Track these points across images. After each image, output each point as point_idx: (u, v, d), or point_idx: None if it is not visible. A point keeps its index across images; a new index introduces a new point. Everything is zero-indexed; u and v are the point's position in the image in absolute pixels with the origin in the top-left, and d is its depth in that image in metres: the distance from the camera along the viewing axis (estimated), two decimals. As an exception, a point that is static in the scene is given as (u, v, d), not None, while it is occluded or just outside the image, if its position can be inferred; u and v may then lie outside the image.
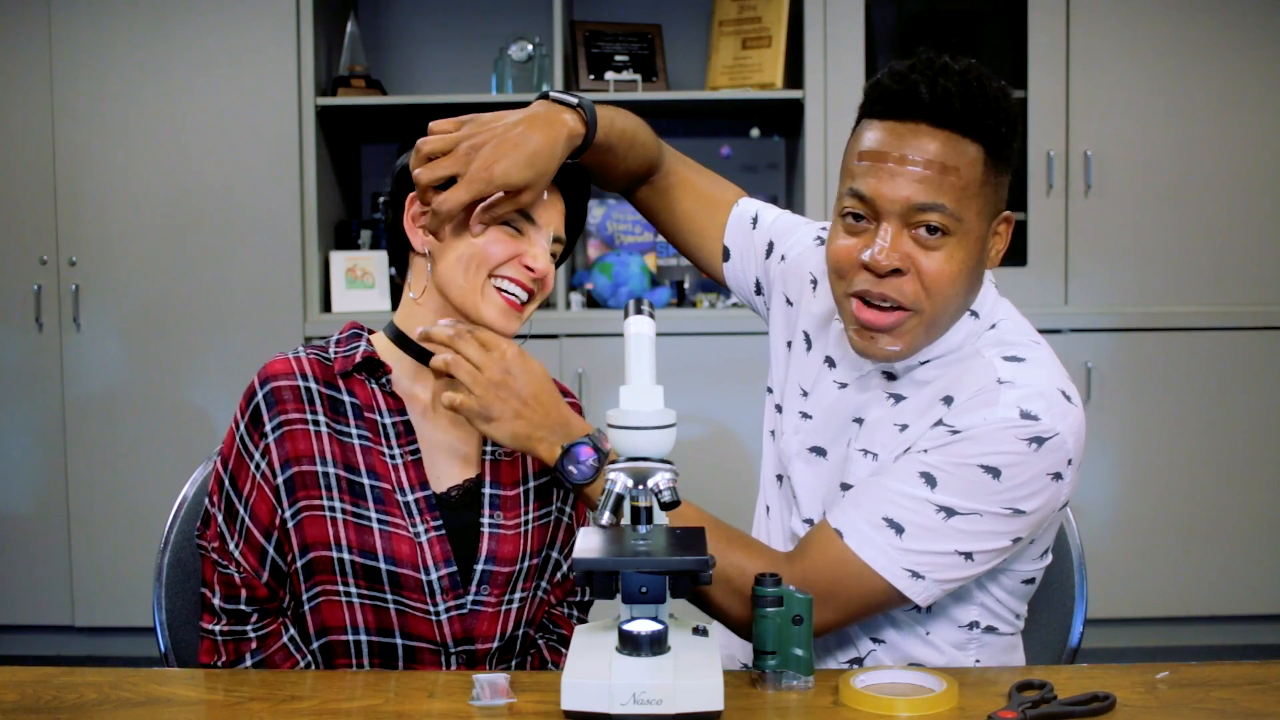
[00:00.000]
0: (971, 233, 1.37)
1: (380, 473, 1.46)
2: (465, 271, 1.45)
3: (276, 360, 1.49)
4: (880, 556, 1.35)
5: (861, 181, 1.37)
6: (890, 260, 1.35)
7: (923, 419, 1.41)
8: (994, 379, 1.37)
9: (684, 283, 3.72)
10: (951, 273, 1.36)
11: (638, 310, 1.29)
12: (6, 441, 3.59)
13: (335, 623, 1.45)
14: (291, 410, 1.45)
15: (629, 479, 1.23)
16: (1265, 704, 1.22)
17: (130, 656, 3.44)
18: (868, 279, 1.37)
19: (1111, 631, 3.46)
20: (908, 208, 1.34)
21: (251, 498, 1.45)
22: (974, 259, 1.39)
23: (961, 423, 1.36)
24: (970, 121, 1.34)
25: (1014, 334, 1.45)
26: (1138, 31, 3.49)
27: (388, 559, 1.43)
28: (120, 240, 3.52)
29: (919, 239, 1.36)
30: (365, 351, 1.49)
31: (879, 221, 1.37)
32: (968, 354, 1.43)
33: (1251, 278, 3.54)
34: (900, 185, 1.34)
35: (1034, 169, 3.48)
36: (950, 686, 1.22)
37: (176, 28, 3.48)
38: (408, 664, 1.46)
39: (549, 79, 3.57)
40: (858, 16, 3.49)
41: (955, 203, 1.34)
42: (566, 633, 1.60)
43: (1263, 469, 3.55)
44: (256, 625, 1.46)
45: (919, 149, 1.34)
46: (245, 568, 1.45)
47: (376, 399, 1.49)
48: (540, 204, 1.46)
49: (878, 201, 1.35)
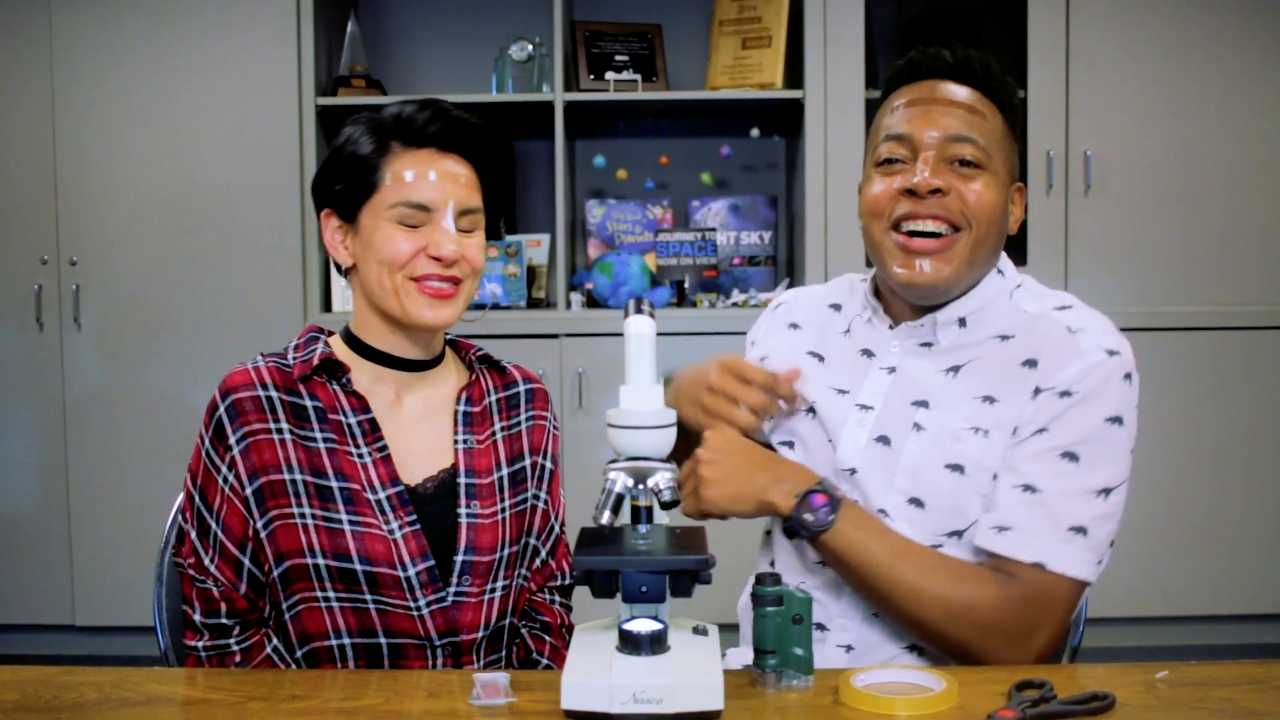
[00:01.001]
0: (999, 176, 1.46)
1: (348, 473, 1.46)
2: (380, 279, 1.46)
3: (236, 372, 1.49)
4: (1078, 565, 1.40)
5: (897, 125, 1.48)
6: (934, 179, 1.43)
7: (1011, 388, 1.45)
8: (1064, 328, 1.46)
9: (684, 283, 3.71)
10: (990, 200, 1.45)
11: (638, 310, 1.29)
12: (6, 441, 3.59)
13: (317, 629, 1.45)
14: (254, 421, 1.45)
15: (629, 479, 1.23)
16: (1265, 704, 1.22)
17: (130, 656, 3.44)
18: (911, 203, 1.45)
19: (1111, 631, 3.46)
20: (946, 138, 1.45)
21: (222, 511, 1.45)
22: (1002, 205, 1.47)
23: (1061, 380, 1.42)
24: (988, 83, 1.48)
25: (1042, 289, 1.54)
26: (1138, 31, 3.48)
27: (362, 559, 1.43)
28: (120, 240, 3.52)
29: (956, 170, 1.45)
30: (323, 353, 1.49)
31: (916, 158, 1.45)
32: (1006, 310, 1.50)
33: (1251, 278, 3.53)
34: (937, 118, 1.45)
35: (1034, 169, 3.48)
36: (950, 686, 1.22)
37: (176, 28, 3.48)
38: (393, 662, 1.46)
39: (549, 79, 3.57)
40: (858, 16, 3.49)
41: (986, 141, 1.45)
42: (549, 619, 1.60)
43: (1263, 469, 3.55)
44: (239, 638, 1.46)
45: (951, 93, 1.47)
46: (222, 581, 1.45)
47: (339, 399, 1.49)
48: (426, 184, 1.45)
49: (914, 136, 1.46)
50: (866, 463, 1.50)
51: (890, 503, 1.48)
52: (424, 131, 1.48)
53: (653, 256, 3.78)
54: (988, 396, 1.46)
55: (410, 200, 1.45)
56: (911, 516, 1.47)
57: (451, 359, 1.61)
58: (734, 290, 3.72)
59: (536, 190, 3.92)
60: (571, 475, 3.52)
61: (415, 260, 1.46)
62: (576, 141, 3.91)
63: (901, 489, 1.47)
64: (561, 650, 1.58)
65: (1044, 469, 1.41)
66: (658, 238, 3.78)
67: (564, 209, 3.59)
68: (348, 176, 1.48)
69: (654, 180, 3.89)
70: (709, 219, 3.82)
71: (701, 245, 3.76)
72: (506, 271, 3.66)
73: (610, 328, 3.38)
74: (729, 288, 3.74)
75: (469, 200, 1.49)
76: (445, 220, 1.47)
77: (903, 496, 1.48)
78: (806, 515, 1.38)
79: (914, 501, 1.47)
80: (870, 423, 1.51)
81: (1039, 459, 1.42)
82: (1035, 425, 1.43)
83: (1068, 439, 1.41)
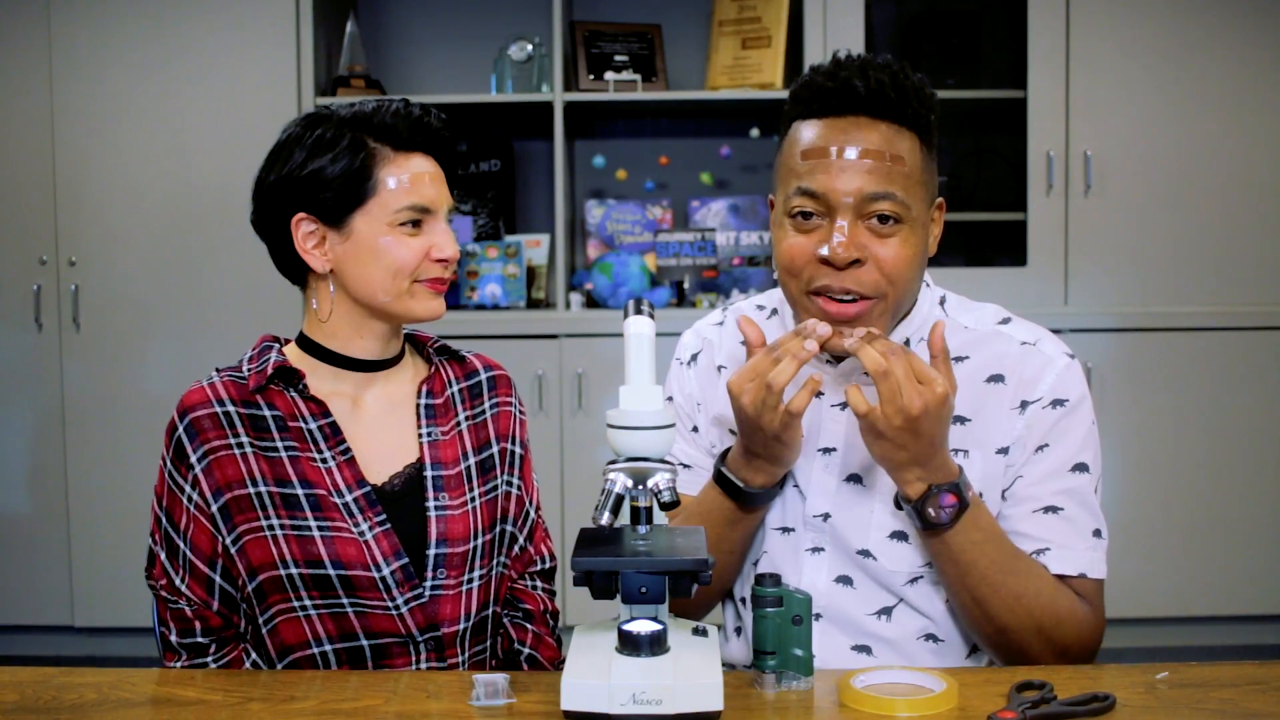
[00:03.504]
0: (919, 220, 1.41)
1: (313, 479, 1.45)
2: (387, 283, 1.46)
3: (192, 390, 1.49)
4: (1101, 566, 1.47)
5: (810, 179, 1.39)
6: (850, 252, 1.37)
7: (986, 407, 1.45)
8: (1018, 343, 1.48)
9: (684, 283, 3.71)
10: (908, 257, 1.39)
11: (637, 310, 1.29)
12: (5, 442, 3.58)
13: (296, 640, 1.45)
14: (214, 438, 1.45)
15: (628, 479, 1.23)
16: (1265, 704, 1.22)
17: (129, 657, 3.44)
18: (828, 274, 1.39)
19: (1111, 631, 3.43)
20: (861, 198, 1.37)
21: (189, 530, 1.45)
22: (923, 244, 1.43)
23: (1045, 390, 1.45)
24: (904, 111, 1.39)
25: (963, 300, 1.54)
26: (1138, 31, 3.48)
27: (335, 564, 1.43)
28: (120, 240, 3.52)
29: (873, 229, 1.38)
30: (276, 361, 1.49)
31: (831, 217, 1.38)
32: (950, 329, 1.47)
33: (1251, 278, 3.53)
34: (851, 178, 1.37)
35: (1034, 169, 3.48)
36: (950, 686, 1.22)
37: (176, 27, 3.48)
38: (377, 663, 1.45)
39: (548, 79, 3.57)
40: (858, 17, 3.49)
41: (904, 191, 1.38)
42: (530, 607, 1.59)
43: (1263, 469, 3.55)
44: (217, 656, 1.46)
45: (863, 140, 1.37)
46: (195, 600, 1.45)
47: (298, 406, 1.48)
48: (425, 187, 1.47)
49: (830, 196, 1.38)
50: (840, 506, 1.49)
51: (871, 540, 1.47)
52: (413, 134, 1.48)
53: (652, 257, 3.78)
54: (959, 417, 1.45)
55: (415, 204, 1.46)
56: (892, 552, 1.46)
57: (410, 354, 1.60)
58: (734, 290, 3.71)
59: (536, 190, 3.92)
60: (571, 475, 3.52)
61: (422, 264, 1.48)
62: (576, 142, 3.91)
63: (880, 524, 1.46)
64: (545, 637, 1.58)
65: (1061, 486, 1.44)
66: (657, 238, 3.78)
67: (563, 209, 3.59)
68: (334, 184, 1.46)
69: (654, 180, 3.89)
70: (709, 219, 3.82)
71: (701, 245, 3.76)
72: (506, 272, 3.66)
73: (610, 328, 3.38)
74: (729, 288, 3.74)
75: (450, 199, 1.53)
76: (440, 220, 1.49)
77: (883, 533, 1.46)
78: (930, 510, 1.36)
79: (896, 535, 1.46)
80: (836, 465, 1.49)
81: (1052, 479, 1.44)
82: (1035, 442, 1.44)
83: (1070, 449, 1.44)
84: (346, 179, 1.46)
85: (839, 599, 1.48)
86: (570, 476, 3.49)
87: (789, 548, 1.51)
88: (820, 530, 1.49)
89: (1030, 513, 1.45)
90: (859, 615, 1.48)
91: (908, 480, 1.36)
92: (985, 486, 1.45)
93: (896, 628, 1.47)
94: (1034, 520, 1.44)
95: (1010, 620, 1.40)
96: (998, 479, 1.46)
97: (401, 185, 1.46)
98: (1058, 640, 1.41)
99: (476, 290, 3.63)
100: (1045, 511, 1.44)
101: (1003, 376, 1.46)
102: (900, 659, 1.47)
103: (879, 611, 1.48)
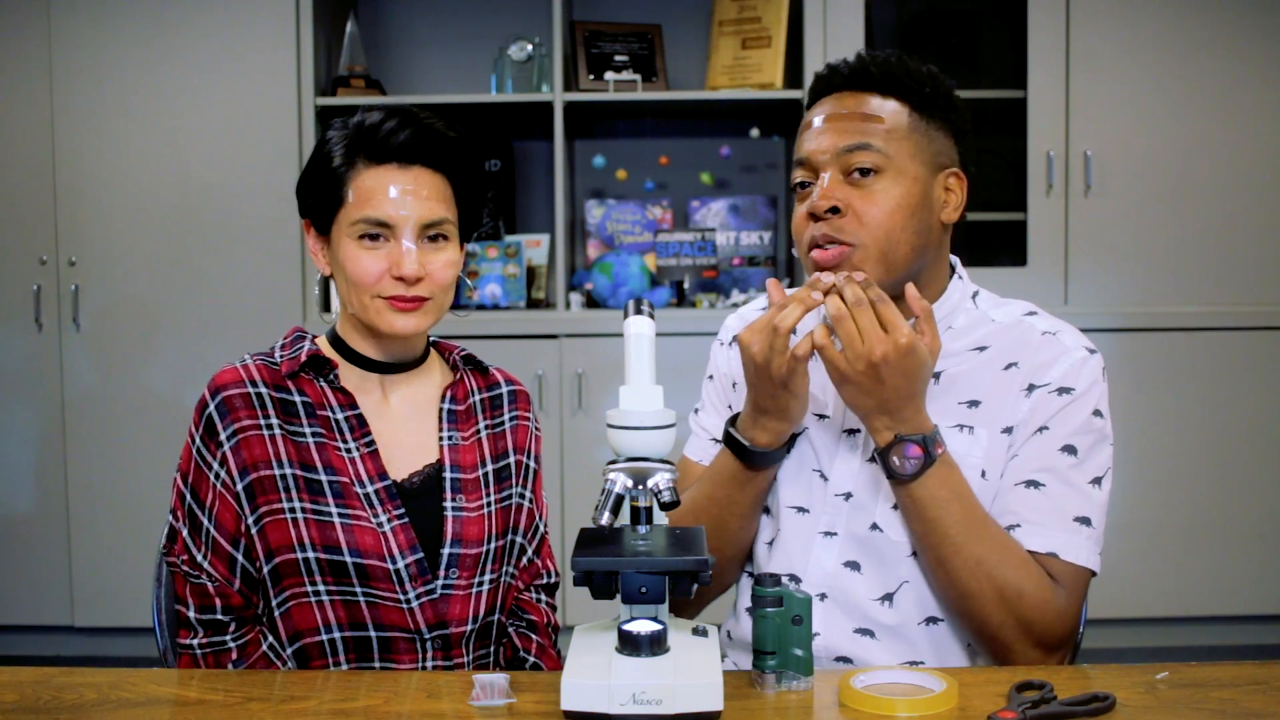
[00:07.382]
0: (906, 173, 1.46)
1: (337, 467, 1.47)
2: (351, 296, 1.48)
3: (225, 370, 1.50)
4: (1086, 554, 1.45)
5: (799, 151, 1.50)
6: (825, 201, 1.45)
7: (996, 390, 1.48)
8: (1039, 332, 1.51)
9: (684, 283, 3.71)
10: (887, 207, 1.45)
11: (637, 310, 1.29)
12: (6, 441, 3.58)
13: (307, 625, 1.46)
14: (244, 417, 1.46)
15: (628, 479, 1.23)
16: (1265, 704, 1.22)
17: (129, 657, 3.44)
18: (815, 227, 1.47)
19: (1111, 631, 3.46)
20: (836, 152, 1.46)
21: (215, 507, 1.46)
22: (914, 200, 1.46)
23: (1054, 376, 1.47)
24: (887, 82, 1.48)
25: (998, 297, 1.58)
26: (1138, 31, 3.48)
27: (352, 551, 1.44)
28: (120, 240, 3.52)
29: (854, 181, 1.46)
30: (310, 351, 1.51)
31: (818, 179, 1.48)
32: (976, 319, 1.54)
33: (1251, 278, 3.53)
34: (828, 136, 1.47)
35: (1034, 169, 3.48)
36: (950, 686, 1.22)
37: (176, 27, 3.48)
38: (383, 655, 1.46)
39: (548, 79, 3.57)
40: (858, 16, 3.49)
41: (883, 143, 1.45)
42: (535, 618, 1.61)
43: (1263, 469, 3.55)
44: (235, 635, 1.46)
45: (842, 106, 1.49)
46: (217, 577, 1.46)
47: (327, 396, 1.50)
48: (385, 201, 1.45)
49: (812, 158, 1.48)
50: (862, 484, 1.52)
51: (879, 511, 1.50)
52: (387, 144, 1.46)
53: (652, 257, 3.78)
54: (972, 400, 1.50)
55: (369, 217, 1.45)
56: (897, 522, 1.49)
57: (435, 359, 1.62)
58: (734, 290, 3.72)
59: (536, 190, 3.92)
60: (571, 475, 3.52)
61: (381, 281, 1.46)
62: (576, 142, 3.91)
63: (889, 494, 1.49)
64: (548, 649, 1.60)
65: (1045, 464, 1.46)
66: (657, 238, 3.78)
67: (563, 209, 3.59)
68: (318, 190, 1.50)
69: (654, 180, 3.89)
70: (709, 219, 3.82)
71: (701, 245, 3.76)
72: (506, 272, 3.66)
73: (610, 328, 3.38)
74: (729, 288, 3.74)
75: (433, 213, 1.47)
76: (405, 239, 1.45)
77: (890, 502, 1.49)
78: (895, 458, 1.40)
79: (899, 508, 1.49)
80: (860, 445, 1.53)
81: (1040, 456, 1.46)
82: (1035, 424, 1.47)
83: (1065, 433, 1.46)
84: (323, 188, 1.49)
85: (845, 581, 1.51)
86: (570, 476, 3.49)
87: (803, 528, 1.54)
88: (838, 512, 1.52)
89: (1011, 485, 1.47)
90: (863, 599, 1.50)
91: (876, 428, 1.41)
92: (989, 466, 1.48)
93: (898, 614, 1.49)
94: (1013, 493, 1.46)
95: (972, 584, 1.41)
96: (1000, 459, 1.49)
97: (359, 197, 1.46)
98: (1021, 613, 1.41)
99: (476, 290, 3.63)
100: (1026, 485, 1.46)
101: (1017, 362, 1.50)
102: (901, 644, 1.49)
103: (882, 597, 1.50)
